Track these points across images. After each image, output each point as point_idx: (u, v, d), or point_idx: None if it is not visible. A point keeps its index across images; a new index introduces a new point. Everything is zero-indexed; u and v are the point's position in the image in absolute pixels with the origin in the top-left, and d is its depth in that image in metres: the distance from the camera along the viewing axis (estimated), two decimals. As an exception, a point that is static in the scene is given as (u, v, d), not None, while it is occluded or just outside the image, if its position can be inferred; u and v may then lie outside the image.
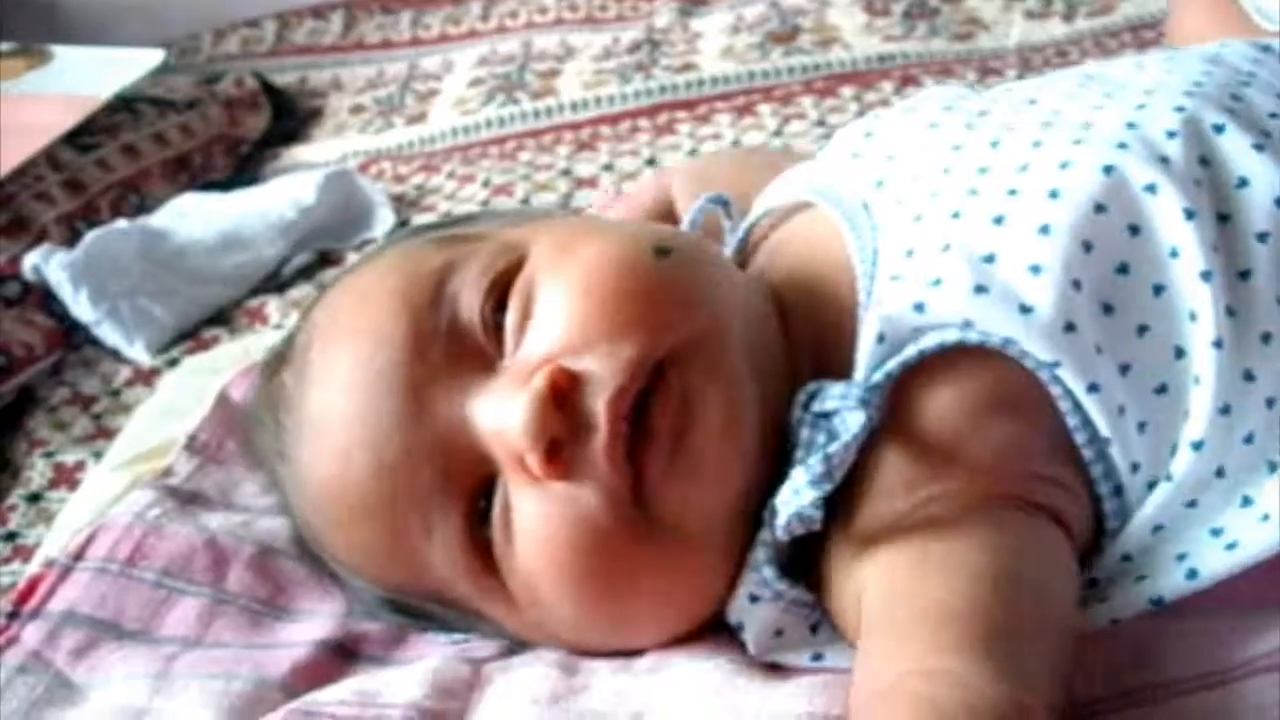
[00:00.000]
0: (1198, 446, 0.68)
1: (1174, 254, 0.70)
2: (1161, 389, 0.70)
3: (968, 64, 1.63)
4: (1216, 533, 0.69)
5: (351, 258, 1.41)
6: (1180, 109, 0.74)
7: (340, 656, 0.81)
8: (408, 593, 0.78)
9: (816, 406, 0.70)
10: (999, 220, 0.72)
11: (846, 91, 1.60)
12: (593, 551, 0.69)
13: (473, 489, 0.72)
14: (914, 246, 0.74)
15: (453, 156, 1.63)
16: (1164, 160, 0.72)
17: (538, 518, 0.70)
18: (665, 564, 0.71)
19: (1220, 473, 0.69)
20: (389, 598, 0.79)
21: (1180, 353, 0.70)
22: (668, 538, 0.70)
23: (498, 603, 0.74)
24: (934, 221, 0.75)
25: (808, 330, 0.77)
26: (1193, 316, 0.69)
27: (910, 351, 0.70)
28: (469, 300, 0.74)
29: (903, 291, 0.71)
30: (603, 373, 0.69)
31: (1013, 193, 0.73)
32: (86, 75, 1.68)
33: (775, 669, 0.72)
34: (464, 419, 0.72)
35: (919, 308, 0.70)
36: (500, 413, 0.70)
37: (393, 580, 0.77)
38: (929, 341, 0.70)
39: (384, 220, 1.45)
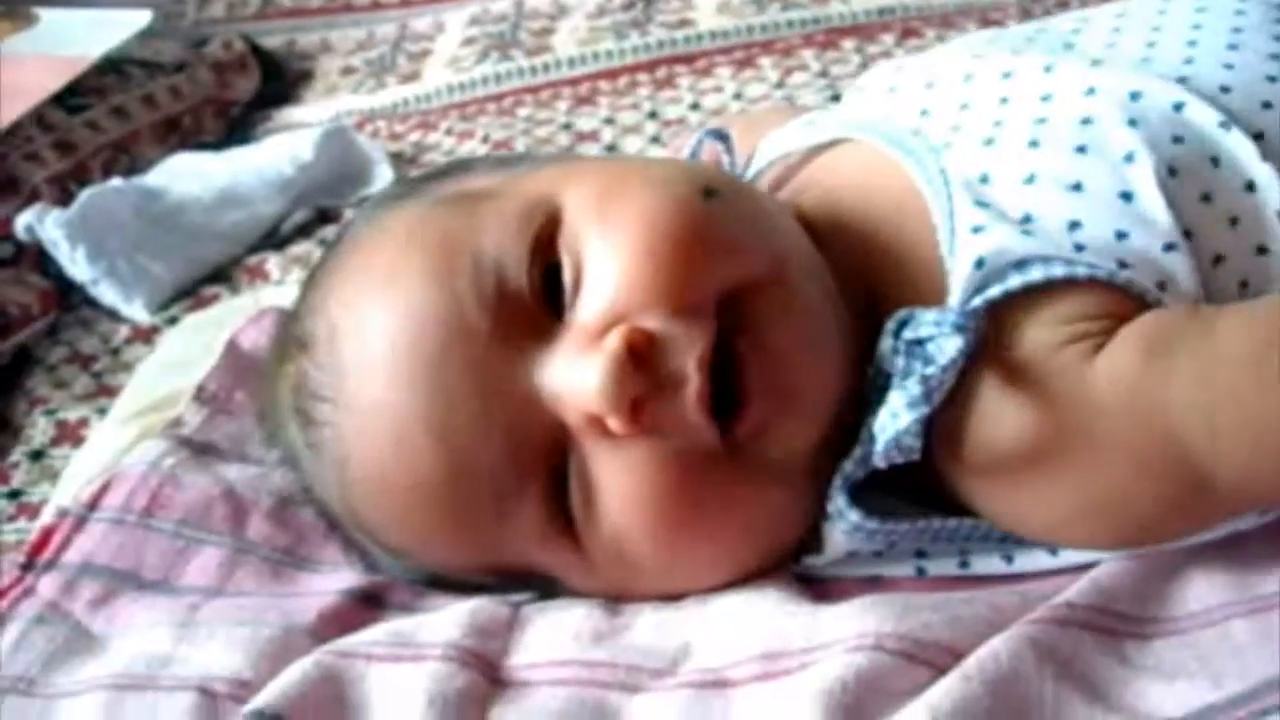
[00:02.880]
0: None
1: (1250, 188, 0.70)
2: None
3: (968, 15, 1.61)
4: None
5: (350, 215, 1.38)
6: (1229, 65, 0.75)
7: (367, 605, 0.79)
8: (464, 570, 0.75)
9: (909, 334, 0.68)
10: (1082, 149, 0.72)
11: (848, 44, 1.58)
12: (682, 501, 0.68)
13: (547, 459, 0.70)
14: (989, 172, 0.73)
15: (449, 114, 1.60)
16: (1227, 107, 0.72)
17: (623, 475, 0.68)
18: (756, 503, 0.70)
19: None
20: (432, 574, 0.77)
21: (1244, 285, 0.70)
22: (758, 478, 0.69)
23: (571, 567, 0.73)
24: (1008, 149, 0.74)
25: (862, 260, 0.75)
26: (1261, 250, 0.70)
27: (1014, 281, 0.68)
28: (514, 265, 0.70)
29: (997, 220, 0.70)
30: (675, 328, 0.67)
31: (1087, 121, 0.73)
32: (73, 37, 1.64)
33: (823, 595, 0.71)
34: (530, 389, 0.69)
35: (1023, 234, 0.69)
36: (573, 375, 0.68)
37: (452, 561, 0.75)
38: (1036, 273, 0.68)
39: (383, 177, 1.43)
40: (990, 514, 0.70)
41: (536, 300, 0.70)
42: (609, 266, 0.69)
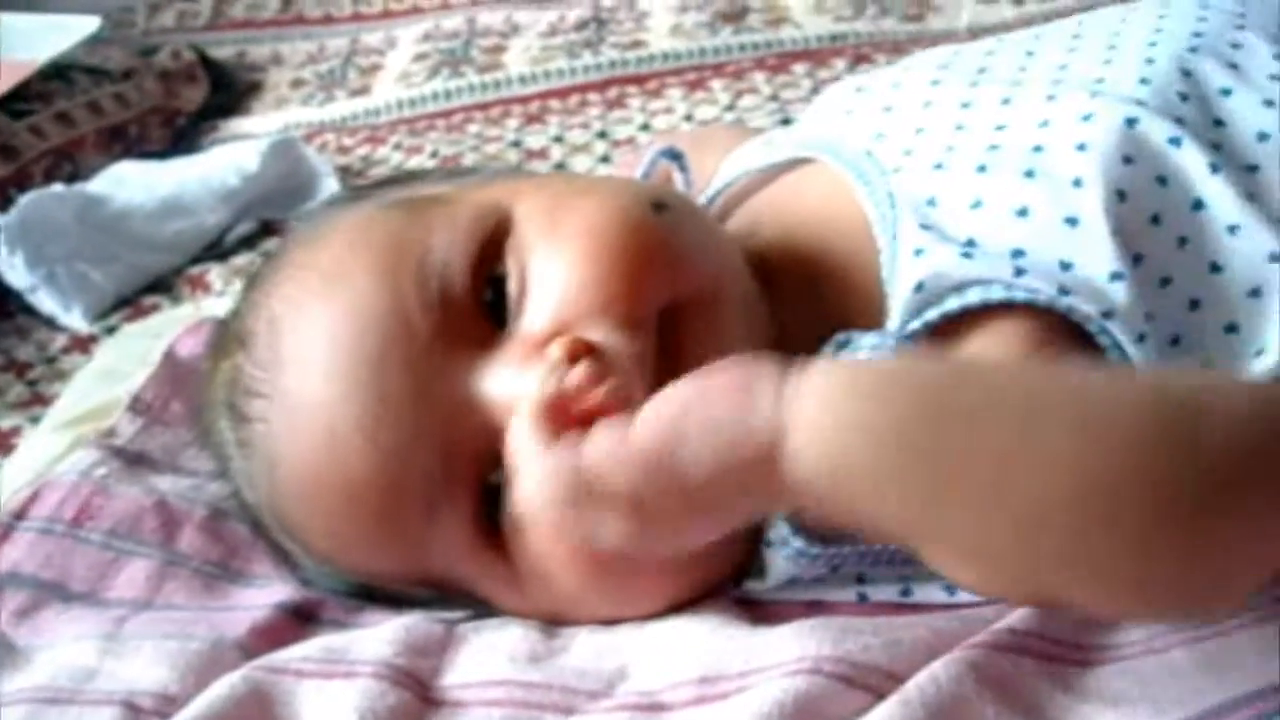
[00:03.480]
0: None
1: (1197, 206, 0.70)
2: (1175, 340, 0.69)
3: (919, 43, 1.61)
4: None
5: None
6: (1186, 71, 0.75)
7: (300, 620, 0.77)
8: (390, 578, 0.74)
9: (847, 355, 0.67)
10: (1030, 174, 0.72)
11: (799, 68, 1.58)
12: None
13: (480, 467, 0.69)
14: (937, 195, 0.73)
15: (399, 128, 1.59)
16: (1179, 120, 0.72)
17: None
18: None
19: None
20: (359, 583, 0.76)
21: (1195, 305, 0.70)
22: None
23: (497, 581, 0.71)
24: (958, 173, 0.74)
25: (811, 284, 0.75)
26: (1214, 268, 0.70)
27: (952, 304, 0.68)
28: (459, 270, 0.70)
29: (939, 243, 0.69)
30: (619, 341, 0.67)
31: (1038, 149, 0.73)
32: (19, 40, 1.62)
33: (763, 618, 0.70)
34: (469, 395, 0.68)
35: (963, 257, 0.68)
36: (515, 385, 0.67)
37: (377, 567, 0.73)
38: (973, 296, 0.67)
39: (328, 189, 1.41)
40: None
41: (480, 307, 0.69)
42: (555, 277, 0.69)
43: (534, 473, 0.58)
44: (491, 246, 0.70)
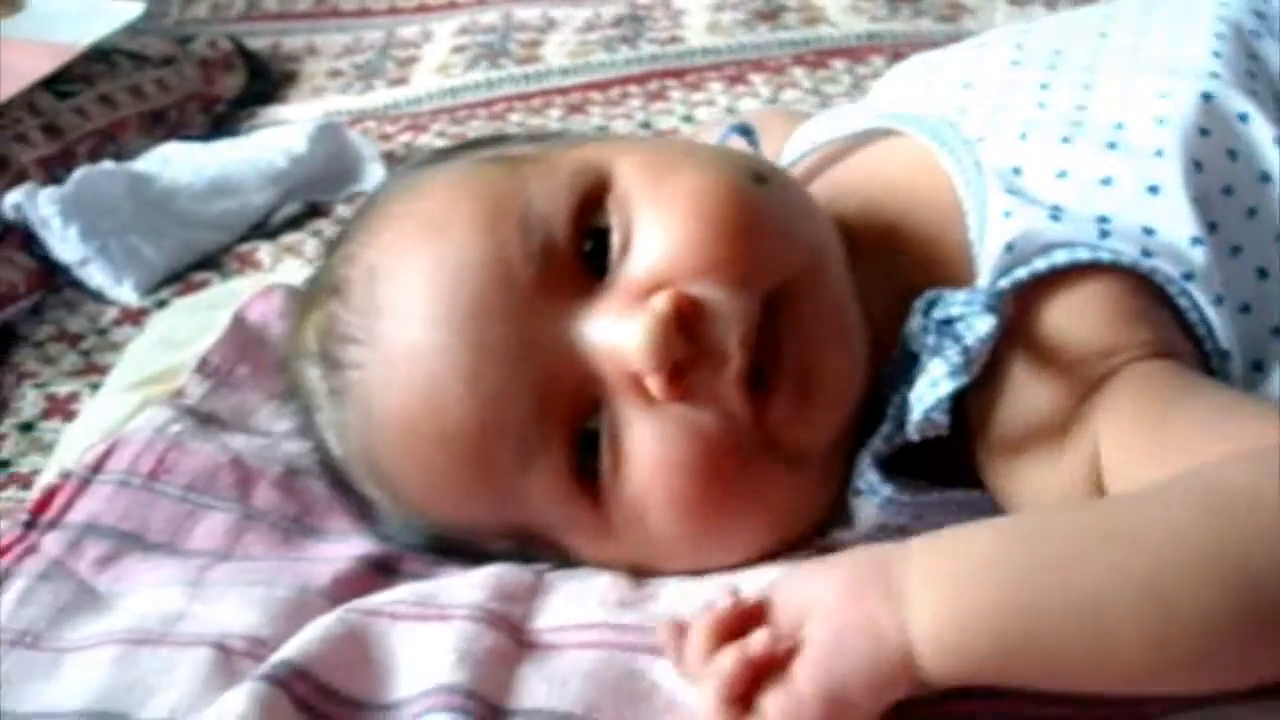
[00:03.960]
0: None
1: (1265, 179, 0.73)
2: (1245, 308, 0.72)
3: (955, 42, 1.63)
4: None
5: (341, 210, 1.37)
6: (1251, 54, 0.78)
7: (381, 572, 0.78)
8: (478, 528, 0.74)
9: (939, 313, 0.69)
10: (1112, 146, 0.74)
11: (838, 64, 1.59)
12: (712, 475, 0.68)
13: (576, 415, 0.69)
14: (1022, 165, 0.75)
15: (440, 117, 1.59)
16: (1253, 92, 0.75)
17: (655, 440, 0.68)
18: (780, 485, 0.70)
19: None
20: (441, 536, 0.76)
21: (1263, 274, 0.72)
22: (784, 462, 0.69)
23: (587, 530, 0.72)
24: (1042, 144, 0.76)
25: (895, 251, 0.76)
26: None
27: (1040, 264, 0.70)
28: (561, 221, 0.70)
29: (1027, 206, 0.71)
30: (724, 303, 0.67)
31: (1119, 125, 0.75)
32: (62, 24, 1.62)
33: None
34: (569, 342, 0.69)
35: (1051, 220, 0.71)
36: (618, 332, 0.67)
37: (467, 516, 0.74)
38: (1060, 257, 0.70)
39: (374, 174, 1.41)
40: (1006, 494, 0.71)
41: (581, 259, 0.70)
42: (660, 233, 0.69)
43: None
44: (593, 199, 0.71)
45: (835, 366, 0.70)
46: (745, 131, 0.90)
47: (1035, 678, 0.57)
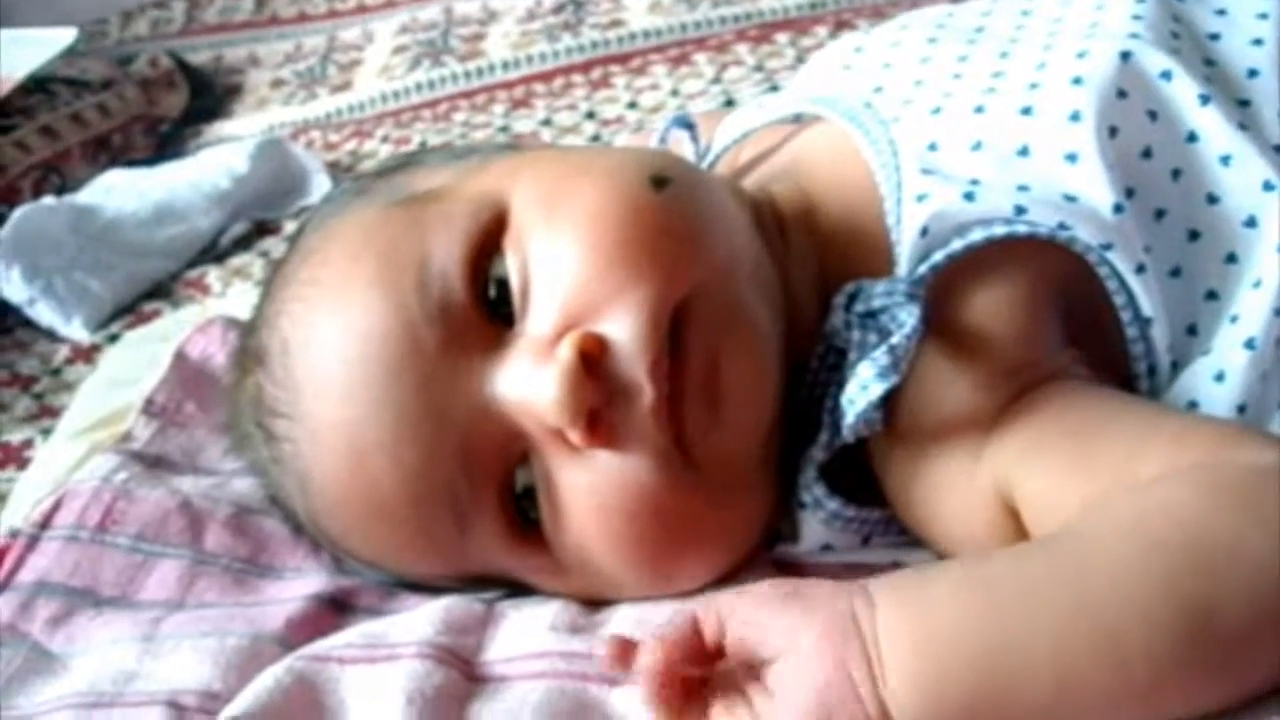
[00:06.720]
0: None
1: (1191, 138, 0.71)
2: (1175, 271, 0.71)
3: (899, 7, 1.61)
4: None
5: (289, 226, 1.36)
6: (1175, 16, 0.76)
7: (335, 609, 0.77)
8: (433, 578, 0.75)
9: (860, 306, 0.68)
10: (1027, 111, 0.73)
11: (782, 38, 1.57)
12: (649, 513, 0.67)
13: (505, 470, 0.69)
14: (937, 140, 0.73)
15: (385, 121, 1.58)
16: (1176, 51, 0.73)
17: (586, 488, 0.67)
18: (717, 507, 0.69)
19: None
20: (409, 582, 0.77)
21: (1194, 236, 0.71)
22: (716, 483, 0.68)
23: (540, 571, 0.72)
24: (955, 116, 0.75)
25: (817, 238, 0.76)
26: (1211, 199, 0.71)
27: (957, 245, 0.69)
28: (456, 276, 0.69)
29: (942, 185, 0.70)
30: (629, 334, 0.66)
31: (1034, 86, 0.74)
32: (-4, 56, 1.61)
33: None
34: (484, 402, 0.68)
35: (966, 199, 0.69)
36: (529, 388, 0.66)
37: (418, 571, 0.74)
38: (976, 235, 0.69)
39: (320, 186, 1.40)
40: (904, 491, 0.70)
41: (483, 311, 0.69)
42: (557, 269, 0.68)
43: None
44: (489, 244, 0.69)
45: (741, 371, 0.68)
46: (687, 125, 0.89)
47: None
